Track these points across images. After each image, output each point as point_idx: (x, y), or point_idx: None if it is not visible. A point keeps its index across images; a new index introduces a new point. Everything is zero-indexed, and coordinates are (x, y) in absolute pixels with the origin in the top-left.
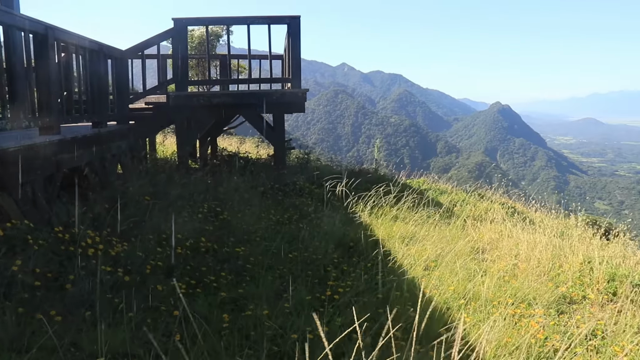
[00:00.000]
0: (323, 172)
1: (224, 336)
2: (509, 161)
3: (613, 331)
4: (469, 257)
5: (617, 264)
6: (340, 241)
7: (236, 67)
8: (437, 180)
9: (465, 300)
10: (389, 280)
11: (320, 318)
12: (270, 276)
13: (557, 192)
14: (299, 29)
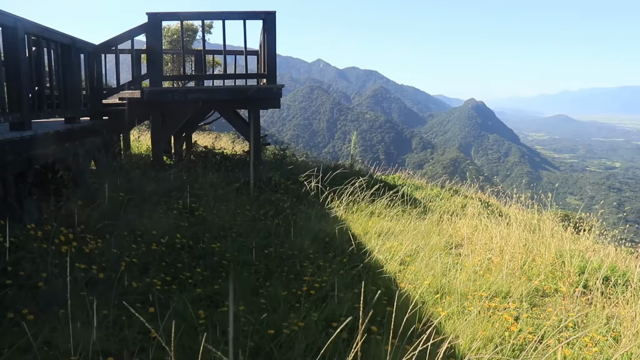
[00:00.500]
0: (299, 168)
1: (200, 332)
2: (483, 157)
3: (584, 323)
4: (444, 251)
5: (587, 257)
6: (316, 237)
7: (211, 62)
8: (412, 175)
9: (441, 294)
10: (365, 276)
11: (296, 313)
12: (246, 272)
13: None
14: (275, 24)
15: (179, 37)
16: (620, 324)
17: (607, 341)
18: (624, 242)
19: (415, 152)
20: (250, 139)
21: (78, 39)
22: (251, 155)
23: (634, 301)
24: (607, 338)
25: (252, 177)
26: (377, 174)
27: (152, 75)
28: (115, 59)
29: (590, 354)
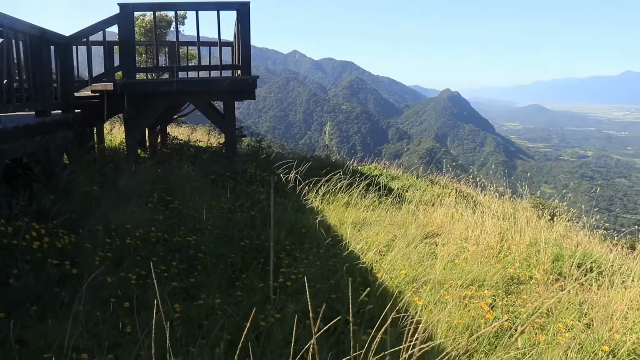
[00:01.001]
0: (275, 159)
1: (176, 327)
2: (459, 147)
3: (557, 309)
4: (421, 241)
5: (561, 245)
6: (292, 228)
7: (186, 54)
8: (388, 166)
9: (417, 283)
10: (341, 266)
11: (273, 305)
12: (222, 264)
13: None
14: (249, 14)
15: (150, 29)
16: (592, 310)
17: (580, 326)
18: (597, 229)
19: (392, 142)
20: (225, 130)
21: (48, 30)
22: (226, 147)
23: (606, 287)
24: (580, 324)
25: (227, 169)
26: (353, 164)
27: (125, 67)
28: (86, 50)
29: (564, 339)
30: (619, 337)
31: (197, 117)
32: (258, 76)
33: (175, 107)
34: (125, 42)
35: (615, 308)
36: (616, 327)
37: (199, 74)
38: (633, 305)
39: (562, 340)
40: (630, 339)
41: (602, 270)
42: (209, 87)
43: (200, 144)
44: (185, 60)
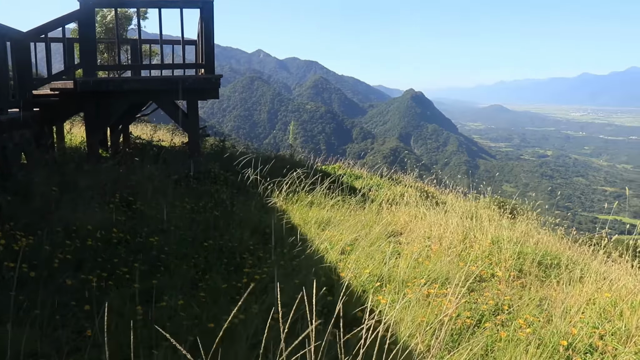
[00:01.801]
0: (239, 159)
1: (137, 329)
2: (422, 146)
3: (518, 305)
4: (385, 240)
5: (522, 242)
6: (256, 228)
7: (148, 52)
8: (352, 165)
9: (381, 282)
10: (305, 266)
11: (236, 305)
12: (185, 265)
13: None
14: (212, 13)
15: (114, 25)
16: (551, 305)
17: (540, 322)
18: (556, 227)
19: (356, 142)
20: (188, 130)
21: (3, 26)
22: (190, 147)
23: (565, 283)
24: (540, 319)
25: (191, 169)
26: (317, 164)
27: (86, 65)
28: (45, 47)
29: (524, 334)
30: (576, 331)
31: (160, 116)
32: (222, 75)
33: (137, 106)
34: (85, 39)
35: (573, 303)
36: (574, 322)
37: (162, 72)
38: (590, 300)
39: (523, 336)
40: (586, 332)
41: (561, 266)
42: (172, 85)
43: (164, 143)
44: (148, 58)
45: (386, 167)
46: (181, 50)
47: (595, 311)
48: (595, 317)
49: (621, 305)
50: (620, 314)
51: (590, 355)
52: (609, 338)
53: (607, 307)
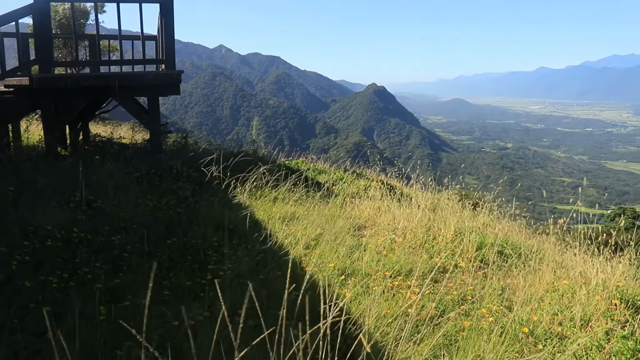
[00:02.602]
0: (201, 155)
1: (100, 329)
2: (385, 140)
3: (481, 295)
4: (349, 234)
5: (484, 233)
6: (220, 224)
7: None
8: (315, 160)
9: (346, 275)
10: (270, 261)
11: (201, 303)
12: (148, 264)
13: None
14: (172, 8)
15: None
16: (513, 294)
17: (502, 310)
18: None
19: (319, 137)
20: (150, 127)
21: None
22: (152, 144)
23: (525, 272)
24: (502, 308)
25: (153, 166)
26: (281, 159)
27: (42, 61)
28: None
29: (487, 323)
30: (536, 318)
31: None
32: (182, 71)
33: (97, 103)
34: (40, 34)
35: (534, 291)
36: (534, 309)
37: (122, 68)
38: (549, 288)
39: (486, 325)
40: (546, 319)
41: (522, 256)
42: (133, 82)
43: (125, 141)
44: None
45: (350, 161)
46: (141, 45)
47: (554, 298)
48: (555, 304)
49: (579, 291)
50: (577, 300)
51: (550, 341)
52: (567, 324)
53: (566, 294)
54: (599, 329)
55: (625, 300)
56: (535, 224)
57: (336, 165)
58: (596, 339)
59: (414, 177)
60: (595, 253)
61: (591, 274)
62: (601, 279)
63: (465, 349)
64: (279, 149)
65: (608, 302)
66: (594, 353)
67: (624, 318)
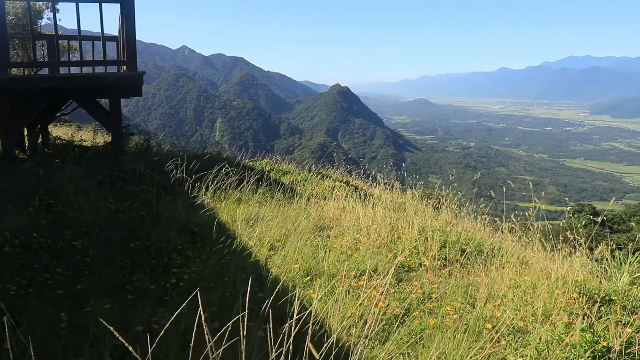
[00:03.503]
0: (165, 157)
1: (61, 337)
2: (349, 141)
3: (446, 293)
4: (313, 234)
5: (447, 231)
6: (184, 227)
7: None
8: (280, 161)
9: (311, 276)
10: (235, 263)
11: (165, 307)
12: (111, 268)
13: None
14: (133, 8)
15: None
16: (476, 291)
17: (466, 307)
18: (480, 215)
19: (284, 138)
20: (111, 129)
21: None
22: (114, 147)
23: (488, 269)
24: (465, 305)
25: (115, 169)
26: (245, 160)
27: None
28: None
29: (451, 321)
30: (499, 314)
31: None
32: (144, 72)
33: (57, 105)
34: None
35: (497, 288)
36: (497, 305)
37: (83, 69)
38: (511, 284)
39: (450, 322)
40: (508, 315)
41: (484, 253)
42: (93, 83)
43: (86, 143)
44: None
45: (314, 162)
46: (102, 46)
47: (517, 294)
48: (517, 300)
49: (540, 287)
50: (538, 295)
51: (513, 337)
52: (529, 319)
53: (528, 290)
54: (559, 322)
55: (583, 294)
56: (497, 222)
57: (301, 166)
58: (556, 333)
59: (378, 177)
60: (555, 249)
61: (551, 270)
62: (561, 274)
63: (430, 347)
64: (244, 151)
65: (568, 296)
66: (555, 346)
67: (582, 311)
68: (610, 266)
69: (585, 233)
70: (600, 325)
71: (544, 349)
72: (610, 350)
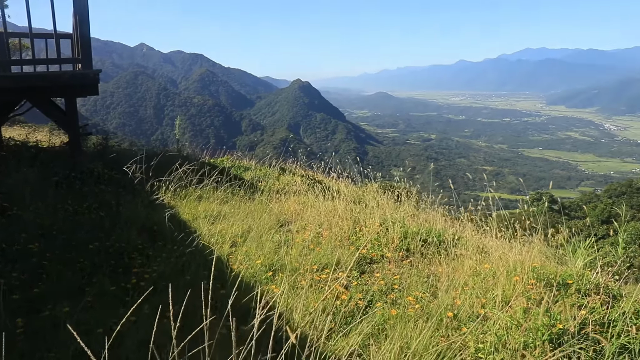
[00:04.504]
0: (124, 156)
1: (19, 342)
2: (312, 135)
3: (408, 283)
4: (275, 230)
5: (408, 223)
6: (144, 226)
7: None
8: (241, 157)
9: (274, 271)
10: (196, 261)
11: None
12: (70, 271)
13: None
14: (87, 4)
15: None
16: (438, 280)
17: (428, 297)
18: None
19: (246, 134)
20: (68, 129)
21: None
22: (71, 147)
23: (449, 258)
24: (427, 294)
25: (73, 170)
26: (206, 158)
27: None
28: None
29: (413, 310)
30: (460, 302)
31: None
32: (101, 70)
33: (9, 105)
34: None
35: (457, 276)
36: (458, 294)
37: (36, 68)
38: (471, 272)
39: (412, 312)
40: (469, 302)
41: (445, 243)
42: (47, 82)
43: (42, 144)
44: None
45: (276, 157)
46: (55, 44)
47: (477, 282)
48: (478, 288)
49: (499, 274)
50: (498, 282)
51: (474, 323)
52: (490, 305)
53: (487, 277)
54: (518, 308)
55: (541, 279)
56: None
57: (262, 162)
58: (515, 318)
59: (340, 170)
60: (514, 236)
61: (510, 257)
62: (519, 261)
63: (393, 337)
64: (205, 148)
65: (526, 282)
66: (514, 331)
67: (539, 296)
68: (567, 252)
69: (544, 220)
70: (557, 308)
71: (504, 334)
72: (566, 332)
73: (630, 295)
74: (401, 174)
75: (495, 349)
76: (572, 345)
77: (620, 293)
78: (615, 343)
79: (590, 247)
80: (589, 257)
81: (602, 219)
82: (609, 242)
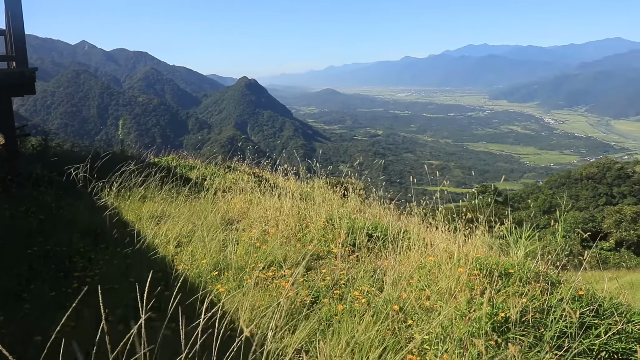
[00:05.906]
0: (65, 158)
1: None
2: (259, 133)
3: (354, 278)
4: (221, 228)
5: (355, 218)
6: (86, 229)
7: None
8: (187, 156)
9: (219, 270)
10: (140, 263)
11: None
12: (6, 276)
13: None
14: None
15: None
16: (384, 274)
17: (374, 291)
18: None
19: (193, 133)
20: (3, 130)
21: None
22: (7, 149)
23: (395, 252)
24: (373, 289)
25: (9, 173)
26: (150, 157)
27: None
28: None
29: (360, 305)
30: (406, 295)
31: None
32: (37, 68)
33: None
34: None
35: (403, 270)
36: (404, 287)
37: None
38: (417, 266)
39: (358, 306)
40: (415, 295)
41: (391, 237)
42: None
43: None
44: None
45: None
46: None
47: (422, 275)
48: (423, 280)
49: (444, 266)
50: (442, 274)
51: (419, 316)
52: (435, 297)
53: (432, 270)
54: (462, 299)
55: (484, 269)
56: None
57: (208, 160)
58: (460, 309)
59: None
60: (458, 229)
61: (454, 249)
62: (463, 253)
63: (340, 332)
64: (151, 147)
65: (470, 273)
66: (458, 321)
67: (482, 286)
68: (510, 242)
69: (488, 212)
70: (500, 297)
71: (449, 325)
72: (508, 320)
73: (569, 282)
74: (349, 170)
75: (441, 339)
76: (514, 333)
77: (559, 280)
78: (553, 328)
79: (531, 237)
80: (531, 246)
81: (543, 209)
82: (550, 232)
